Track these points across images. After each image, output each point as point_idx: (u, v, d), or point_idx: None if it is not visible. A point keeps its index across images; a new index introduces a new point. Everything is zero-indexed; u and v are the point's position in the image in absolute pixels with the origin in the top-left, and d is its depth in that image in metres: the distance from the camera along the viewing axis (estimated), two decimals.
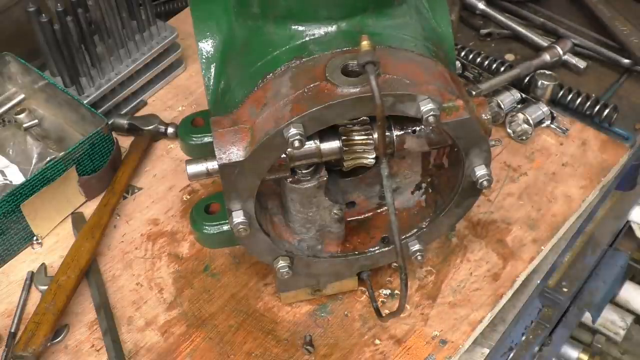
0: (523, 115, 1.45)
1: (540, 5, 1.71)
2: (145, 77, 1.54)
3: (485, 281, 1.27)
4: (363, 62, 0.88)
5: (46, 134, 1.46)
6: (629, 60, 1.58)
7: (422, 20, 1.06)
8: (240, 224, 1.01)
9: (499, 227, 1.34)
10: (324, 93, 0.91)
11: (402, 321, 1.22)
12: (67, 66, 1.42)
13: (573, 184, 1.40)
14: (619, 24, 1.61)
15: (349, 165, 1.05)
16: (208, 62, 1.08)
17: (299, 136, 0.90)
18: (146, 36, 1.52)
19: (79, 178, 1.34)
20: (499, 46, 1.66)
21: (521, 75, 1.51)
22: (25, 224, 1.30)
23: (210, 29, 1.08)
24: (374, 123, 1.03)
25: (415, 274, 1.28)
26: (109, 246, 1.33)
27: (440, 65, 1.01)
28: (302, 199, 1.07)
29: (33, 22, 1.36)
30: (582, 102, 1.50)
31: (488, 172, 1.03)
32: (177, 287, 1.27)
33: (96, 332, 1.22)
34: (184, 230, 1.35)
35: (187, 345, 1.20)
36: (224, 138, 0.96)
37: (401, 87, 0.92)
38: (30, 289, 1.27)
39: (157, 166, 1.46)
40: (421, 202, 1.17)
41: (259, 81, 0.99)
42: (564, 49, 1.59)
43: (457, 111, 0.96)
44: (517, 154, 1.45)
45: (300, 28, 0.99)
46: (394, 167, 1.16)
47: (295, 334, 1.21)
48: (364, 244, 1.17)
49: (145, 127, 1.48)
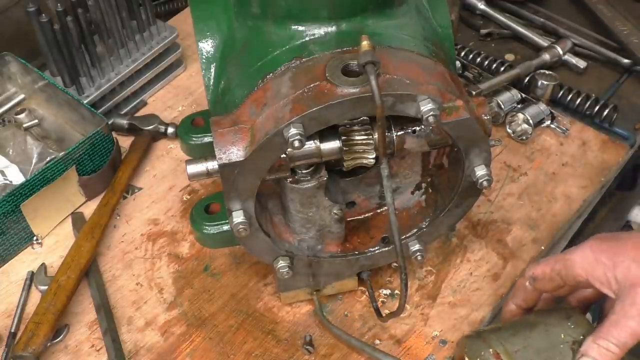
0: (523, 115, 1.45)
1: (541, 5, 1.71)
2: (145, 77, 1.54)
3: (485, 281, 1.27)
4: (363, 62, 0.88)
5: (46, 134, 1.46)
6: (629, 60, 1.58)
7: (422, 20, 1.06)
8: (240, 224, 1.01)
9: (499, 227, 1.34)
10: (324, 93, 0.91)
11: (402, 321, 1.22)
12: (67, 66, 1.42)
13: (573, 184, 1.40)
14: (619, 24, 1.61)
15: (349, 165, 1.05)
16: (208, 62, 1.08)
17: (299, 136, 0.90)
18: (146, 36, 1.52)
19: (79, 178, 1.34)
20: (499, 46, 1.66)
21: (521, 75, 1.51)
22: (25, 224, 1.30)
23: (210, 29, 1.08)
24: (374, 123, 1.02)
25: (415, 274, 1.28)
26: (109, 246, 1.33)
27: (440, 65, 1.01)
28: (302, 199, 1.07)
29: (33, 22, 1.36)
30: (582, 102, 1.50)
31: (488, 172, 1.03)
32: (177, 287, 1.27)
33: (96, 332, 1.22)
34: (184, 230, 1.35)
35: (187, 345, 1.20)
36: (224, 138, 0.96)
37: (401, 87, 0.92)
38: (30, 289, 1.27)
39: (157, 166, 1.46)
40: (421, 202, 1.17)
41: (259, 81, 0.99)
42: (564, 49, 1.59)
43: (457, 111, 0.96)
44: (517, 154, 1.45)
45: (300, 28, 0.99)
46: (394, 167, 1.16)
47: (295, 334, 1.21)
48: (364, 244, 1.17)
49: (145, 127, 1.48)
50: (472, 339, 1.05)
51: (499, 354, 1.01)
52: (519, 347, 1.02)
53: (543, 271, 1.06)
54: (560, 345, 1.01)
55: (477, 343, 1.04)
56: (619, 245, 0.99)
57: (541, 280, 1.07)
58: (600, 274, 0.99)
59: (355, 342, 1.17)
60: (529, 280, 1.09)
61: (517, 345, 1.02)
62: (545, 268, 1.06)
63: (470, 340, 1.05)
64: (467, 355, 1.04)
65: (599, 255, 0.99)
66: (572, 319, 1.04)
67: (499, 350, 1.01)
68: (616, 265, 0.97)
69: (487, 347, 1.02)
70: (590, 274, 1.00)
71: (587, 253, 1.01)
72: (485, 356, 1.02)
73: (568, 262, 1.02)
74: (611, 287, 0.98)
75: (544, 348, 1.01)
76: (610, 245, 1.00)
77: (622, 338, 0.95)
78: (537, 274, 1.07)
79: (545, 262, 1.07)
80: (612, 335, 0.96)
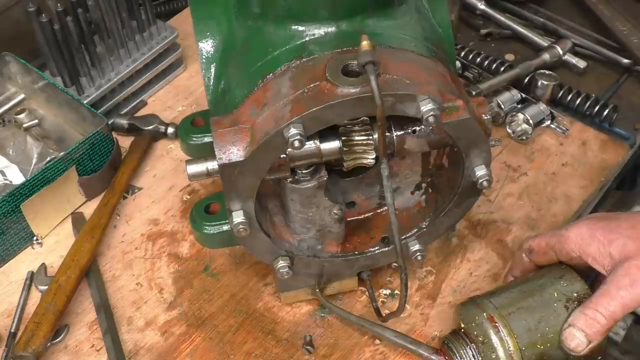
0: (523, 115, 1.45)
1: (541, 5, 1.71)
2: (145, 77, 1.54)
3: (485, 281, 1.27)
4: (363, 62, 0.88)
5: (46, 134, 1.46)
6: (629, 60, 1.58)
7: (422, 20, 1.06)
8: (240, 224, 1.01)
9: (499, 227, 1.34)
10: (324, 93, 0.91)
11: (402, 321, 1.22)
12: (67, 66, 1.42)
13: (573, 184, 1.40)
14: (619, 24, 1.61)
15: (349, 165, 1.05)
16: (208, 62, 1.08)
17: (299, 136, 0.90)
18: (146, 36, 1.52)
19: (79, 178, 1.34)
20: (499, 46, 1.66)
21: (521, 75, 1.51)
22: (25, 224, 1.30)
23: (210, 29, 1.08)
24: (374, 123, 1.02)
25: (415, 274, 1.28)
26: (109, 246, 1.33)
27: (440, 65, 1.01)
28: (302, 199, 1.07)
29: (33, 22, 1.36)
30: (582, 102, 1.50)
31: (488, 172, 1.03)
32: (177, 287, 1.27)
33: (96, 332, 1.22)
34: (184, 230, 1.35)
35: (187, 345, 1.20)
36: (224, 138, 0.96)
37: (401, 87, 0.92)
38: (30, 289, 1.27)
39: (157, 166, 1.46)
40: (421, 202, 1.17)
41: (259, 81, 0.99)
42: (564, 49, 1.59)
43: (457, 111, 0.96)
44: (517, 154, 1.45)
45: (300, 28, 0.99)
46: (394, 167, 1.16)
47: (295, 334, 1.21)
48: (364, 244, 1.17)
49: (145, 127, 1.48)
50: (467, 305, 1.07)
51: (492, 317, 1.03)
52: (513, 309, 1.03)
53: (539, 244, 1.09)
54: (554, 304, 1.03)
55: (471, 309, 1.06)
56: (615, 223, 1.01)
57: (536, 253, 1.09)
58: (593, 250, 1.00)
59: (354, 318, 1.18)
60: (525, 252, 1.11)
61: (511, 307, 1.04)
62: (540, 241, 1.09)
63: (465, 307, 1.07)
64: (463, 322, 1.06)
65: (595, 232, 1.01)
66: (565, 277, 1.05)
67: (492, 314, 1.03)
68: (611, 242, 0.99)
69: (482, 311, 1.04)
70: (583, 251, 1.02)
71: (583, 230, 1.03)
72: (480, 320, 1.03)
73: (562, 238, 1.04)
74: (604, 263, 0.99)
75: (537, 308, 1.03)
76: (607, 223, 1.02)
77: (612, 307, 0.96)
78: (532, 246, 1.10)
79: (541, 236, 1.09)
80: (602, 304, 0.96)
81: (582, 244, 1.02)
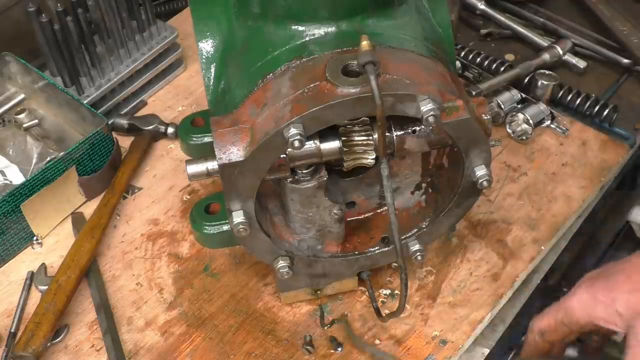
0: (523, 115, 1.45)
1: (541, 5, 1.71)
2: (145, 77, 1.54)
3: (485, 281, 1.27)
4: (363, 62, 0.88)
5: (46, 134, 1.46)
6: (629, 60, 1.57)
7: (422, 20, 1.06)
8: (240, 224, 1.01)
9: (499, 227, 1.34)
10: (324, 93, 0.91)
11: (402, 321, 1.22)
12: (67, 66, 1.42)
13: (573, 184, 1.40)
14: (619, 24, 1.61)
15: (349, 165, 1.05)
16: (208, 62, 1.08)
17: (299, 136, 0.90)
18: (146, 36, 1.52)
19: (79, 178, 1.34)
20: (499, 46, 1.66)
21: (521, 75, 1.51)
22: (25, 224, 1.30)
23: (210, 29, 1.08)
24: (374, 123, 1.02)
25: (415, 274, 1.28)
26: (109, 246, 1.33)
27: (440, 65, 1.01)
28: (302, 199, 1.07)
29: (33, 22, 1.36)
30: (582, 102, 1.49)
31: (488, 172, 1.03)
32: (177, 287, 1.27)
33: (96, 332, 1.22)
34: (184, 230, 1.35)
35: (187, 345, 1.20)
36: (224, 138, 0.96)
37: (401, 87, 0.92)
38: (30, 289, 1.27)
39: (157, 166, 1.46)
40: (421, 202, 1.17)
41: (259, 81, 0.99)
42: (564, 49, 1.58)
43: (457, 111, 0.96)
44: (517, 154, 1.45)
45: (300, 28, 0.99)
46: (394, 167, 1.16)
47: (295, 334, 1.21)
48: (364, 244, 1.17)
49: (145, 127, 1.48)
50: None
51: None
52: None
53: (548, 324, 1.07)
54: None
55: None
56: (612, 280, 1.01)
57: (549, 332, 1.07)
58: (601, 313, 0.99)
59: None
60: (537, 334, 1.09)
61: None
62: (549, 320, 1.07)
63: None
64: None
65: (595, 294, 1.00)
66: None
67: None
68: (614, 301, 0.98)
69: None
70: (591, 316, 1.01)
71: (584, 296, 1.02)
72: None
73: (567, 310, 1.03)
74: (615, 322, 0.98)
75: None
76: (604, 282, 1.01)
77: None
78: (543, 328, 1.08)
79: (547, 314, 1.07)
80: None
81: (588, 310, 1.01)
